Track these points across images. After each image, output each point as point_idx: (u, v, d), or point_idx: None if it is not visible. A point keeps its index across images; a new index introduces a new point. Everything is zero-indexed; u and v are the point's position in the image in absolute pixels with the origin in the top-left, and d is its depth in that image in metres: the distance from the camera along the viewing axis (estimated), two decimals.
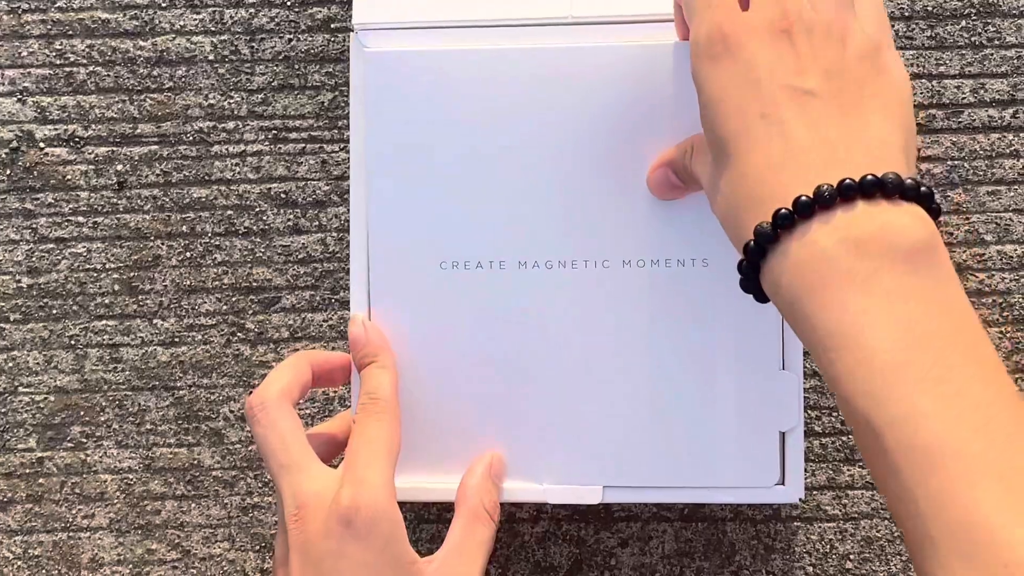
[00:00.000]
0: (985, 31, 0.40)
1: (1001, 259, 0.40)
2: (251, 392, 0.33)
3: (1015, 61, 0.40)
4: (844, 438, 0.40)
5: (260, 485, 0.41)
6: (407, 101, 0.34)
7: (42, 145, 0.41)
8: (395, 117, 0.34)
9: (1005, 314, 0.40)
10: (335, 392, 0.41)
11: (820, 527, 0.40)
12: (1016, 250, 0.40)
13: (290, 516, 0.30)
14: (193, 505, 0.41)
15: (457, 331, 0.35)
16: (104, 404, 0.41)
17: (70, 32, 0.41)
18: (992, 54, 0.40)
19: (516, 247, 0.34)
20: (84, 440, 0.41)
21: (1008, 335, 0.40)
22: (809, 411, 0.40)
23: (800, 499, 0.35)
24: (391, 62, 0.34)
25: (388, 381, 0.33)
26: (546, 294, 0.34)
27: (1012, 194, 0.40)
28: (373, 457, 0.31)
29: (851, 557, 0.40)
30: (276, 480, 0.31)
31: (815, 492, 0.40)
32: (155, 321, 0.41)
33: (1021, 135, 0.40)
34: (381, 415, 0.32)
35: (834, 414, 0.40)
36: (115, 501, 0.41)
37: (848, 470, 0.40)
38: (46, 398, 0.41)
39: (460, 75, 0.34)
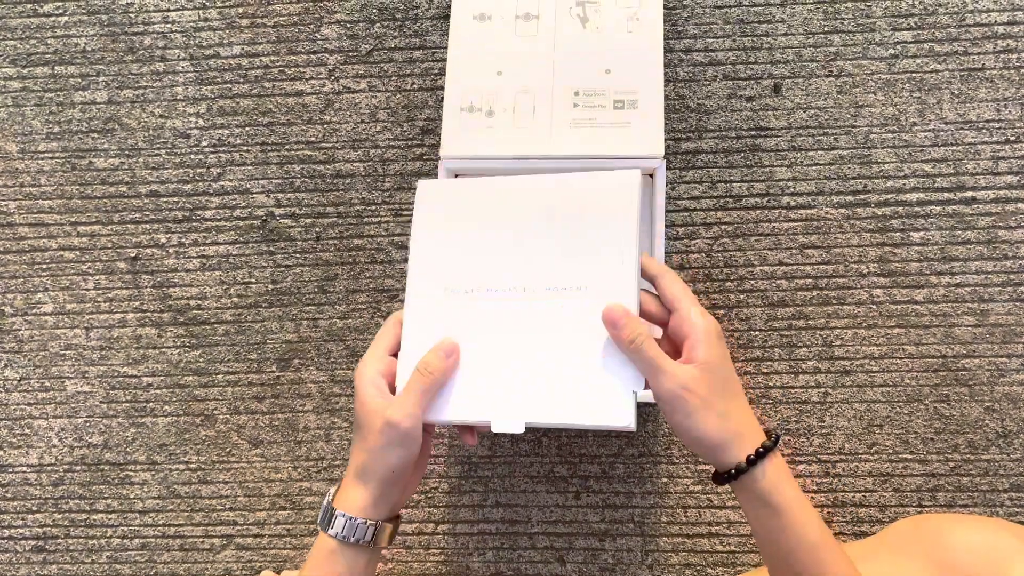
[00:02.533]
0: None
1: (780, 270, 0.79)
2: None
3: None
4: None
5: None
6: (439, 215, 0.64)
7: (279, 217, 0.82)
8: (435, 228, 0.63)
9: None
10: None
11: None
12: None
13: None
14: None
15: (457, 331, 0.61)
16: (309, 348, 0.81)
17: (292, 160, 0.82)
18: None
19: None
20: (300, 366, 0.81)
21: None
22: None
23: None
24: (430, 188, 0.73)
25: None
26: (509, 311, 0.60)
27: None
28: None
29: None
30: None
31: None
32: (336, 306, 0.81)
33: None
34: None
35: None
36: (315, 396, 0.81)
37: None
38: (281, 345, 0.81)
39: (476, 199, 0.73)
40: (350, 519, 0.57)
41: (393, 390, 0.59)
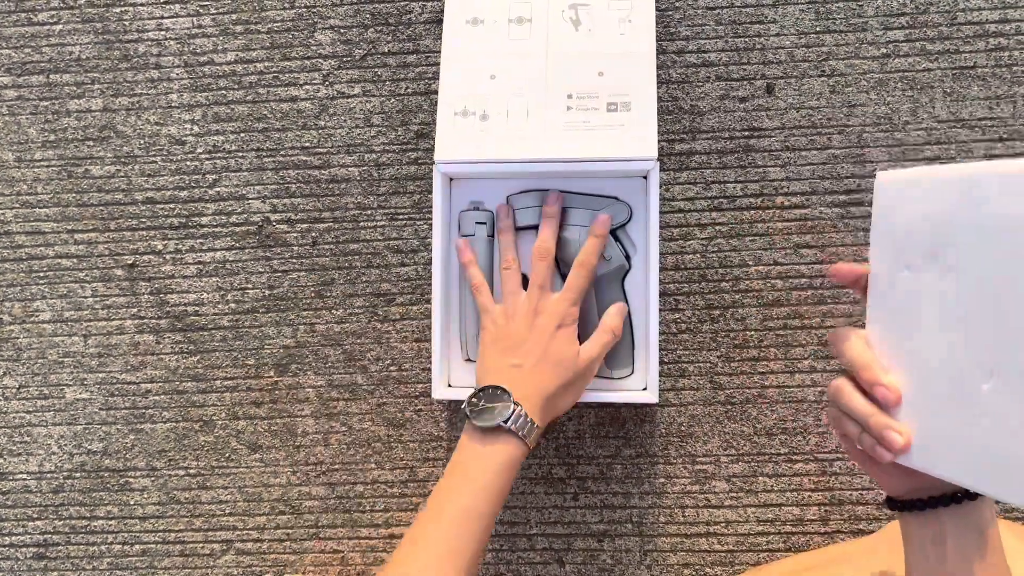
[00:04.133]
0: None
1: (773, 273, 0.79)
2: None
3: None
4: (679, 365, 0.79)
5: (386, 392, 0.81)
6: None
7: (274, 223, 0.82)
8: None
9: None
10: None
11: (667, 410, 0.79)
12: None
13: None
14: (353, 405, 0.81)
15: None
16: (307, 353, 0.81)
17: (287, 166, 0.82)
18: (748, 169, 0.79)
19: None
20: (298, 371, 0.81)
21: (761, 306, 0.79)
22: (661, 352, 0.79)
23: (656, 402, 0.74)
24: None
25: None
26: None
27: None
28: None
29: (683, 425, 0.79)
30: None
31: (664, 392, 0.79)
32: (333, 311, 0.81)
33: None
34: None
35: (673, 353, 0.79)
36: (313, 401, 0.81)
37: (681, 381, 0.79)
38: (278, 350, 0.82)
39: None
40: (524, 415, 0.63)
41: None
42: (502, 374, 0.66)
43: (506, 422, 0.62)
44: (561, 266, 0.76)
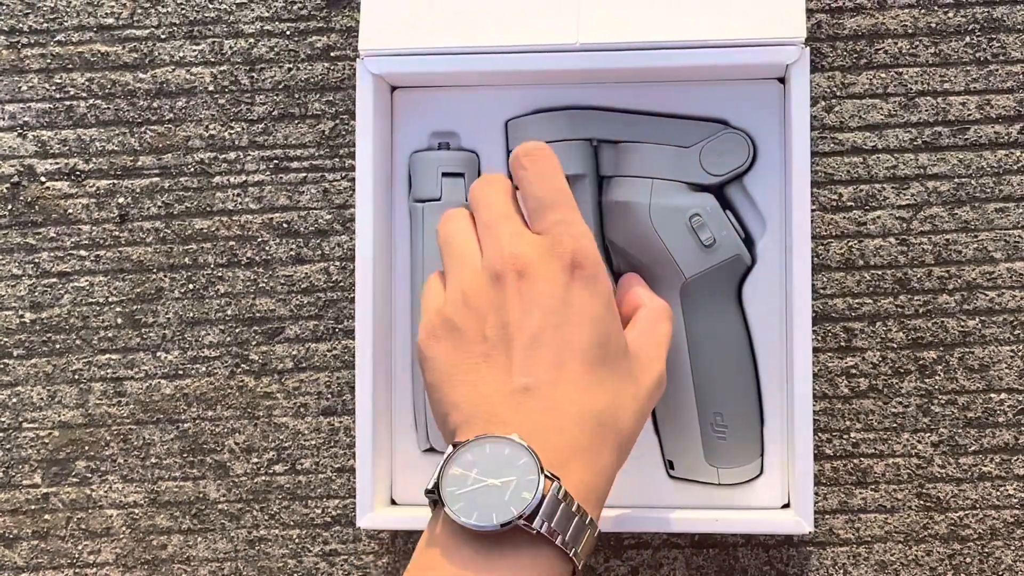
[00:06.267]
0: (990, 47, 0.40)
1: (1011, 277, 0.39)
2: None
3: (1021, 77, 0.39)
4: (856, 461, 0.39)
5: (266, 517, 0.40)
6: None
7: (43, 179, 0.41)
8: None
9: (1016, 332, 0.39)
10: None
11: (833, 551, 0.39)
12: None
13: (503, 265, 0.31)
14: (199, 539, 0.41)
15: None
16: (109, 438, 0.41)
17: (69, 66, 0.41)
18: (997, 70, 0.40)
19: None
20: (89, 475, 0.41)
21: (1020, 354, 0.39)
22: (819, 434, 0.40)
23: (810, 531, 0.35)
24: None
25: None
26: None
27: (1020, 211, 0.39)
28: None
29: None
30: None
31: (827, 516, 0.39)
32: (159, 354, 0.41)
33: None
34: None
35: (844, 436, 0.40)
36: (121, 536, 0.41)
37: (860, 493, 0.39)
38: (50, 433, 0.41)
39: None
40: (567, 499, 0.28)
41: None
42: (498, 408, 0.30)
43: (529, 517, 0.27)
44: (612, 252, 0.38)
